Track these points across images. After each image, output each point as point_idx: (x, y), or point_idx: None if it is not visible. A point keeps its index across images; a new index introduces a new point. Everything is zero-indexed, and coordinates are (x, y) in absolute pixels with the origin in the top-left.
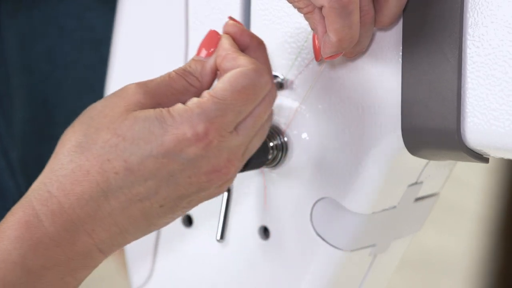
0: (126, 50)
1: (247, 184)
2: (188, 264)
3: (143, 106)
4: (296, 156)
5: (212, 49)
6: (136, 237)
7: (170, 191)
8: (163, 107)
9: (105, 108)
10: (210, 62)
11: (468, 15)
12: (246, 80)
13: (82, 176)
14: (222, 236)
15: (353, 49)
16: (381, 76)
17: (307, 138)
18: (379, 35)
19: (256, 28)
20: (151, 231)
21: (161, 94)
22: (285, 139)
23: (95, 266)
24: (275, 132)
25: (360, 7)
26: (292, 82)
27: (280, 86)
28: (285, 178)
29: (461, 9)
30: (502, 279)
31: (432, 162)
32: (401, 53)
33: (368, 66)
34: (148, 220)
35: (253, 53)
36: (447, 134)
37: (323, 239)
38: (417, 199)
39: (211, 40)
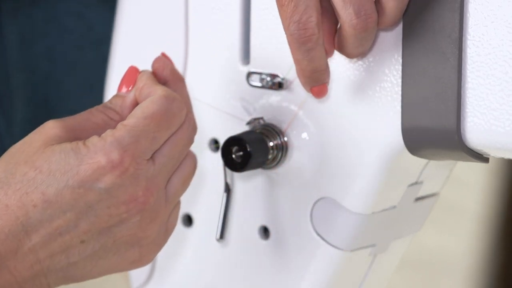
0: (126, 50)
1: (247, 184)
2: (188, 264)
3: (62, 140)
4: (296, 156)
5: (131, 86)
6: (58, 280)
7: (90, 224)
8: None
9: (24, 144)
10: (129, 96)
11: (468, 15)
12: (155, 106)
13: (1, 210)
14: (222, 236)
15: (355, 51)
16: (381, 75)
17: (307, 138)
18: (379, 35)
19: (256, 28)
20: (73, 276)
21: (80, 129)
22: (285, 139)
23: None
24: (275, 132)
25: (363, 11)
26: (291, 82)
27: (280, 86)
28: (285, 178)
29: (461, 9)
30: (502, 279)
31: (432, 162)
32: (401, 53)
33: (368, 66)
34: (69, 257)
35: (172, 86)
36: (447, 134)
37: (323, 239)
38: (417, 199)
39: (130, 76)
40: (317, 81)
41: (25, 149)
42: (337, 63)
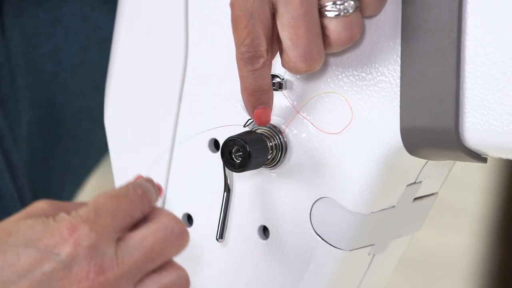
0: (126, 50)
1: (246, 184)
2: (187, 264)
3: (45, 214)
4: (296, 156)
5: None
6: None
7: None
8: None
9: (11, 216)
10: None
11: (466, 15)
12: (119, 189)
13: None
14: (221, 236)
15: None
16: (380, 76)
17: (306, 138)
18: (378, 35)
19: None
20: None
21: (67, 210)
22: (285, 139)
23: None
24: (274, 132)
25: (309, 56)
26: (291, 83)
27: (280, 86)
28: (285, 178)
29: (460, 9)
30: (501, 277)
31: (430, 162)
32: (399, 53)
33: (366, 66)
34: None
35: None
36: (445, 134)
37: (322, 239)
38: (416, 199)
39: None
40: (259, 101)
41: (9, 219)
42: (336, 63)
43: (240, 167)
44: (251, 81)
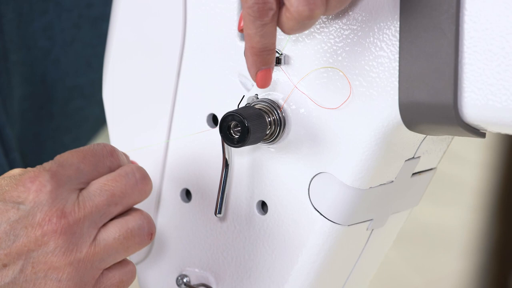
0: (125, 24)
1: (245, 159)
2: (186, 239)
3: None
4: (294, 131)
5: None
6: None
7: (10, 244)
8: None
9: None
10: None
11: None
12: (87, 146)
13: None
14: (220, 211)
15: (292, 32)
16: (379, 51)
17: (305, 113)
18: (377, 10)
19: None
20: None
21: None
22: (283, 114)
23: None
24: (273, 107)
25: (313, 0)
26: (289, 58)
27: (278, 61)
28: (283, 153)
29: None
30: (499, 252)
31: (429, 137)
32: (398, 28)
33: (365, 41)
34: None
35: None
36: (444, 109)
37: (321, 214)
38: (414, 174)
39: None
40: (265, 62)
41: None
42: (334, 38)
43: (239, 142)
44: (259, 39)
